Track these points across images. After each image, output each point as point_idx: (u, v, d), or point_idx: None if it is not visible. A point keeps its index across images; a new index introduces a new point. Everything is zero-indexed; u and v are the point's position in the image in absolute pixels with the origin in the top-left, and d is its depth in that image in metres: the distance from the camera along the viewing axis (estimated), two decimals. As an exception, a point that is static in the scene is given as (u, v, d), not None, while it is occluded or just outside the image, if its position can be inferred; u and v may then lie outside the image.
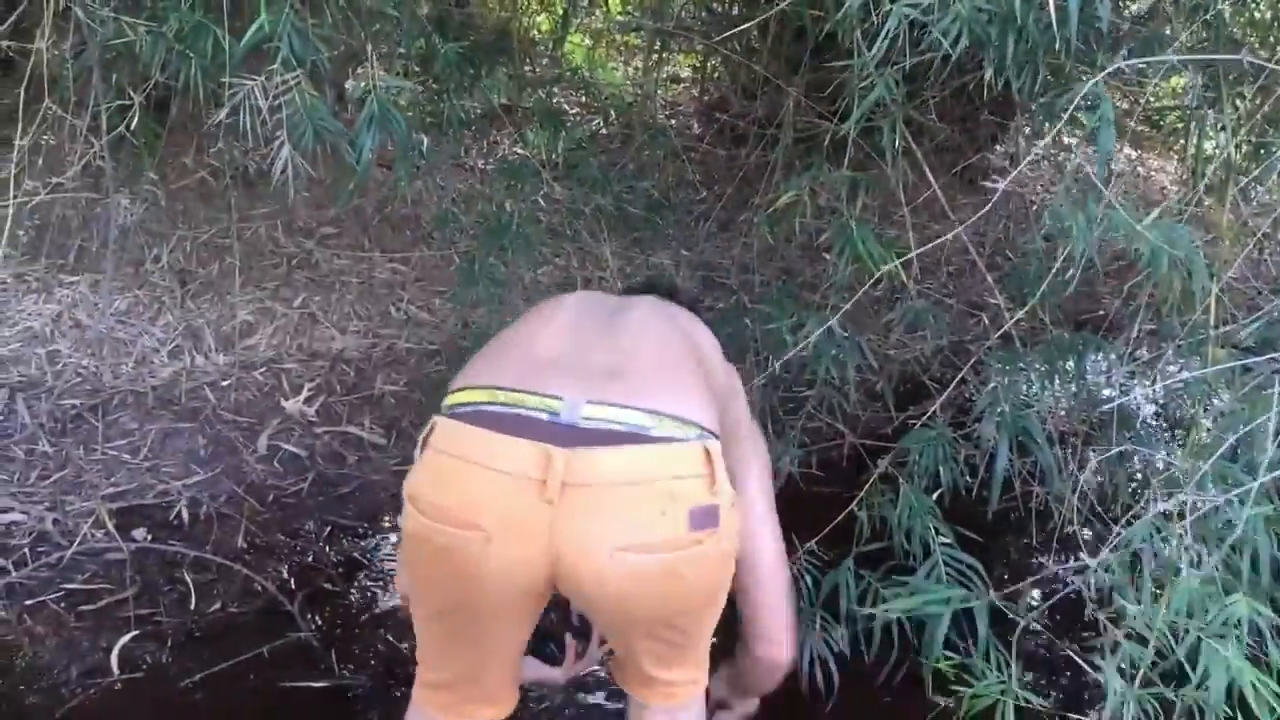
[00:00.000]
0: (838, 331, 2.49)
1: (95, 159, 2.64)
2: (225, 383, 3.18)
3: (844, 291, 2.46)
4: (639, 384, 1.37)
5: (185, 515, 2.71)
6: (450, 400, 1.42)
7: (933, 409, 2.39)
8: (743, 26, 2.83)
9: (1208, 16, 2.49)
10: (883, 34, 2.03)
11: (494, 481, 1.28)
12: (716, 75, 4.92)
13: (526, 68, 3.89)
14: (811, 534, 2.30)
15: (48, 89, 2.49)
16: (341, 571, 2.63)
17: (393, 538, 2.79)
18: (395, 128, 2.31)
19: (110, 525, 2.59)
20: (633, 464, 1.28)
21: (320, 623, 2.43)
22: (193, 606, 2.43)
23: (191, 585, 2.49)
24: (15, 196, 2.63)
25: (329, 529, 2.78)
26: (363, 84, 2.33)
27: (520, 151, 3.86)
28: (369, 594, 2.56)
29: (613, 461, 1.27)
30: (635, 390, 1.35)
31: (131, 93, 2.32)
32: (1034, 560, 2.79)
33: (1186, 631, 1.72)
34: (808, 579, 2.23)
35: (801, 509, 2.76)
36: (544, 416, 1.31)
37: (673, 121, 4.96)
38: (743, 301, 3.52)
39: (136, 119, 2.32)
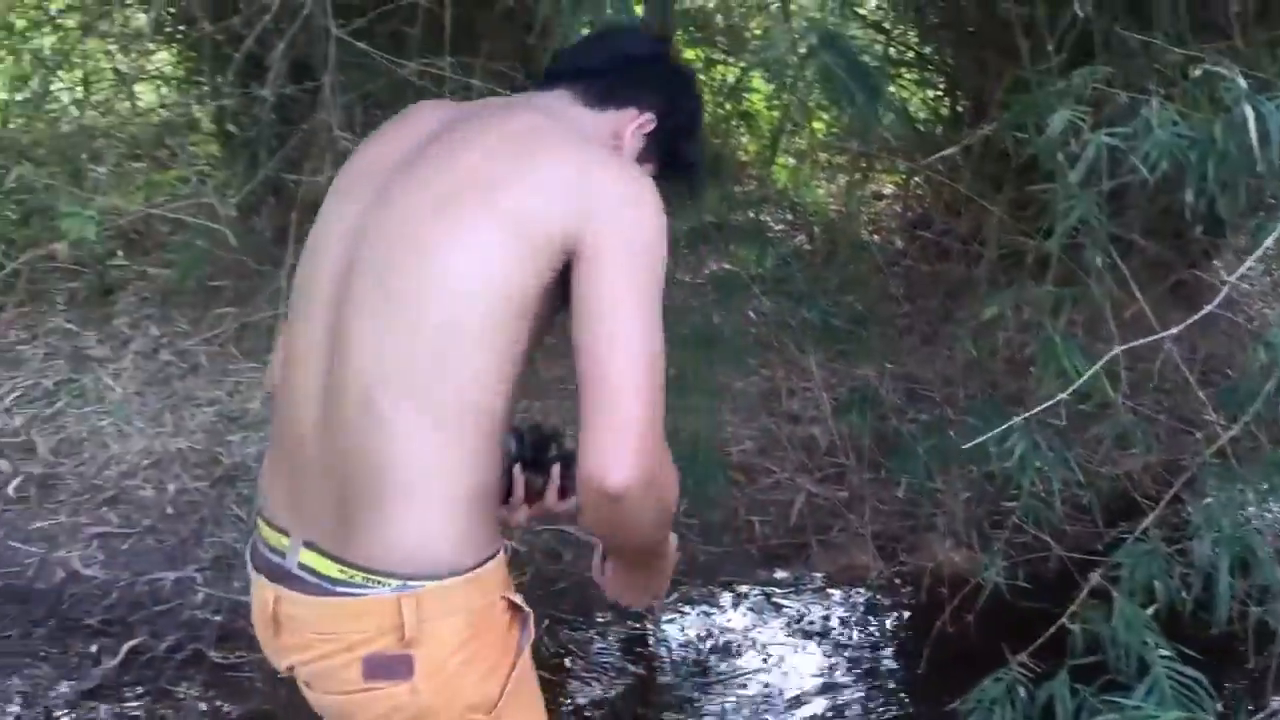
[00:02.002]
0: (1043, 445, 2.52)
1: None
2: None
3: (1049, 406, 2.49)
4: (352, 516, 1.24)
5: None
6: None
7: (1145, 524, 2.38)
8: (948, 151, 2.95)
9: None
10: (1082, 161, 2.11)
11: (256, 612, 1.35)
12: (919, 193, 5.03)
13: (736, 188, 4.09)
14: (1021, 646, 2.31)
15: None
16: (559, 662, 2.78)
17: (607, 633, 2.93)
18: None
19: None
20: (321, 613, 1.26)
21: (540, 708, 2.57)
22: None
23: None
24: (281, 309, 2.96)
25: (547, 621, 2.94)
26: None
27: (728, 267, 4.04)
28: (586, 684, 2.70)
29: (305, 613, 1.27)
30: (340, 535, 1.25)
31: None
32: (1255, 685, 2.70)
33: None
34: (1021, 691, 2.24)
35: (1009, 621, 2.77)
36: (275, 559, 1.31)
37: (875, 237, 5.07)
38: (946, 414, 3.57)
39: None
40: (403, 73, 2.75)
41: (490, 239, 1.21)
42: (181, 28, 4.25)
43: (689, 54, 4.72)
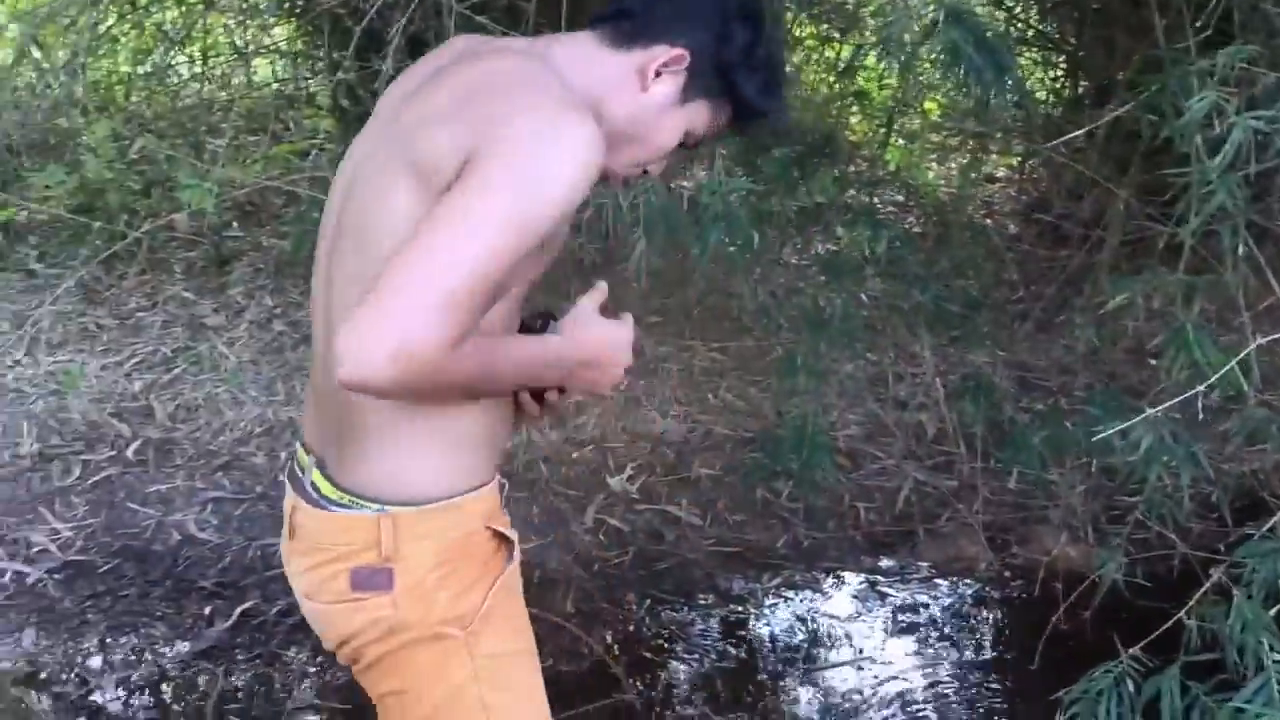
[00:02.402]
0: (1169, 439, 2.43)
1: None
2: (556, 458, 3.44)
3: (1176, 398, 2.40)
4: (343, 446, 1.36)
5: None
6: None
7: (1272, 522, 2.28)
8: (1075, 133, 2.85)
9: None
10: (1227, 145, 2.01)
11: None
12: (1035, 176, 4.89)
13: (849, 168, 4.02)
14: (1134, 641, 2.24)
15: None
16: (661, 642, 2.77)
17: (708, 615, 2.91)
18: (735, 225, 2.49)
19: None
20: (316, 526, 1.37)
21: (642, 688, 2.57)
22: (529, 662, 2.63)
23: (527, 642, 2.69)
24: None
25: (648, 601, 2.94)
26: (707, 183, 2.52)
27: (834, 248, 3.98)
28: (689, 665, 2.69)
29: (309, 524, 1.38)
30: (336, 461, 1.37)
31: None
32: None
33: None
34: (1129, 684, 2.16)
35: (1127, 620, 2.69)
36: (298, 474, 1.42)
37: (989, 221, 4.96)
38: (1061, 404, 3.47)
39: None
40: (518, 46, 2.74)
41: (405, 189, 1.23)
42: (300, 2, 4.30)
43: (802, 31, 4.64)
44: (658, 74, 1.33)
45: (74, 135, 4.76)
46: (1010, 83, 2.41)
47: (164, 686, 2.58)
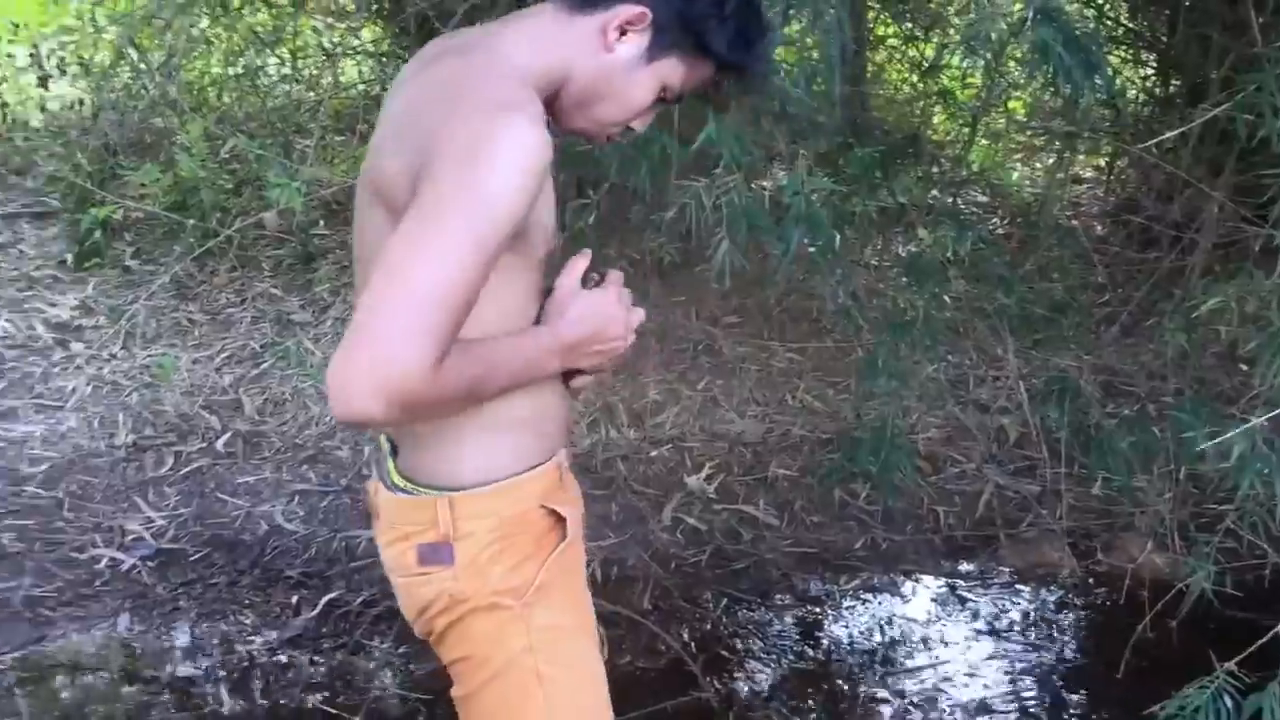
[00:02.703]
0: (1262, 446, 2.37)
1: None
2: (635, 456, 3.46)
3: (1272, 405, 2.34)
4: (404, 436, 1.44)
5: (599, 573, 2.96)
6: None
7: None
8: (1168, 134, 2.79)
9: None
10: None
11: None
12: (1124, 176, 4.80)
13: (932, 168, 3.98)
14: (1227, 656, 2.19)
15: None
16: (738, 642, 2.78)
17: (785, 616, 2.91)
18: (818, 225, 2.47)
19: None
20: (388, 508, 1.45)
21: (719, 687, 2.58)
22: (605, 657, 2.65)
23: (604, 637, 2.70)
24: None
25: (725, 600, 2.94)
26: (789, 183, 2.52)
27: (916, 249, 3.95)
28: (766, 665, 2.69)
29: (384, 505, 1.46)
30: (402, 451, 1.45)
31: (592, 192, 2.63)
32: None
33: None
34: (1226, 700, 2.12)
35: (1215, 630, 2.64)
36: (380, 459, 1.50)
37: (1075, 222, 4.87)
38: (1149, 410, 3.40)
39: (594, 216, 2.63)
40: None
41: (374, 215, 1.32)
42: (389, 5, 4.37)
43: (885, 30, 4.61)
44: (623, 33, 1.34)
45: (168, 135, 4.89)
46: (1100, 82, 2.37)
47: (252, 673, 2.65)
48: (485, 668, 1.41)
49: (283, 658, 2.70)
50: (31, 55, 5.85)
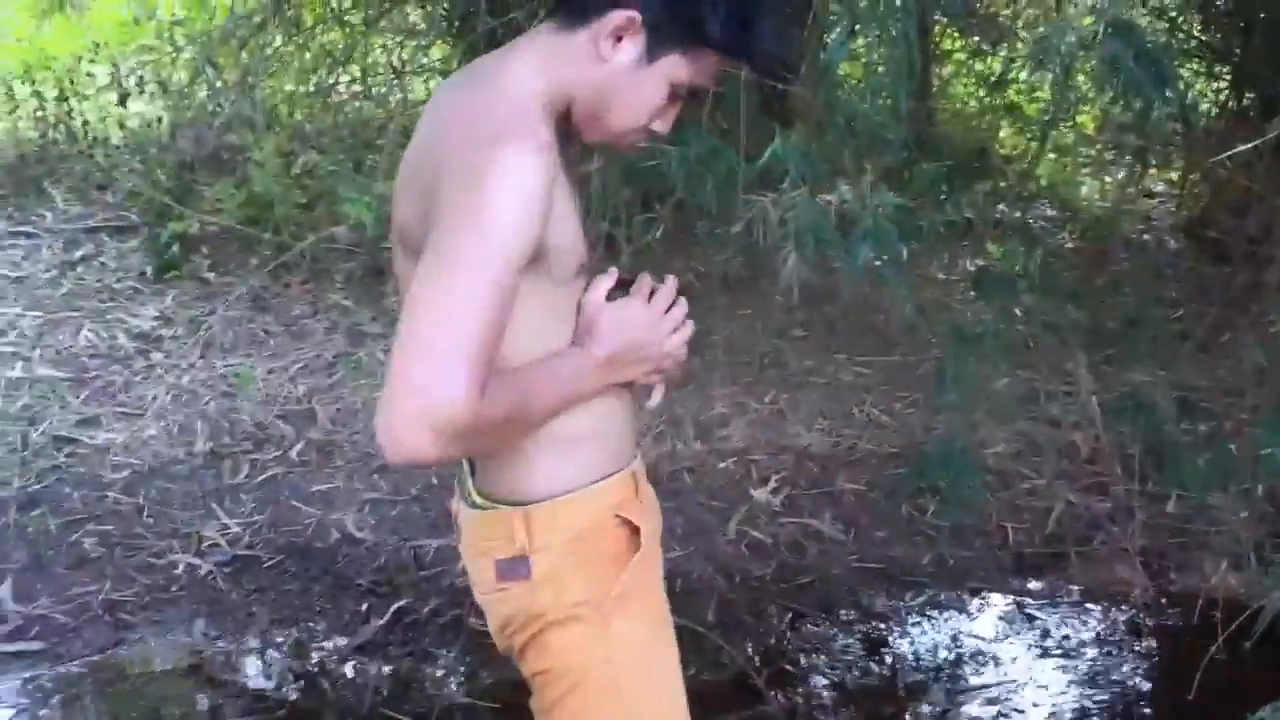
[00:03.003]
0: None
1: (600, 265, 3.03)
2: (701, 469, 3.47)
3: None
4: (477, 460, 1.46)
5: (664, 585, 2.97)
6: None
7: None
8: (1242, 148, 2.75)
9: None
10: None
11: None
12: (1197, 190, 4.73)
13: (1000, 183, 3.96)
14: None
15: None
16: (803, 656, 2.77)
17: (851, 631, 2.90)
18: (884, 239, 2.47)
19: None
20: (469, 525, 1.47)
21: (783, 701, 2.58)
22: (674, 669, 2.66)
23: (671, 649, 2.73)
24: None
25: (790, 614, 2.94)
26: (857, 198, 2.52)
27: (984, 263, 3.92)
28: (830, 681, 2.68)
29: (464, 521, 1.49)
30: (479, 464, 1.46)
31: (658, 206, 2.66)
32: None
33: None
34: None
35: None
36: (461, 477, 1.50)
37: (1147, 237, 4.81)
38: (1225, 426, 3.34)
39: (661, 230, 2.66)
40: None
41: (401, 256, 1.38)
42: (458, 23, 4.44)
43: (952, 44, 4.60)
44: (618, 39, 1.34)
45: (243, 151, 5.01)
46: (1171, 95, 2.35)
47: (322, 679, 2.70)
48: (564, 679, 1.42)
49: (352, 664, 2.75)
50: (112, 74, 6.03)
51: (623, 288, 1.45)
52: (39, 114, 5.75)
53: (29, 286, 4.50)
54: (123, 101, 5.91)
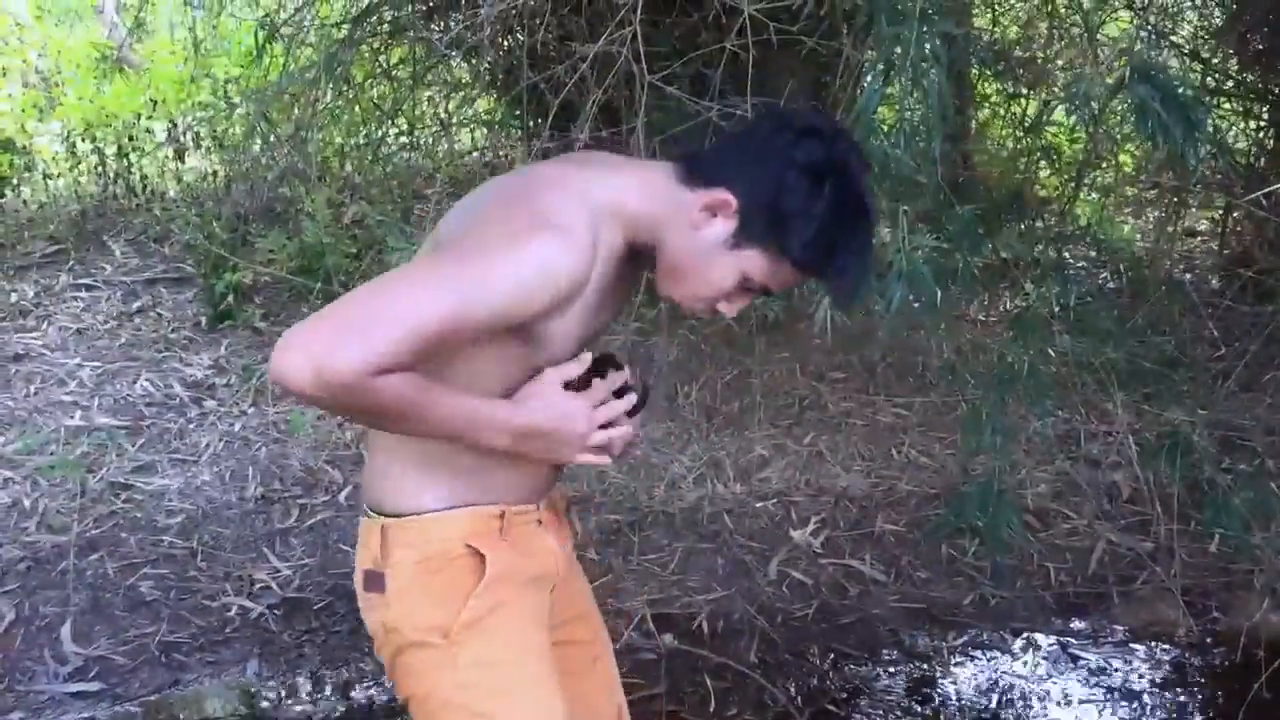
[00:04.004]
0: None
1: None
2: (740, 510, 3.50)
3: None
4: (367, 460, 1.55)
5: (705, 626, 3.01)
6: None
7: None
8: (1275, 186, 2.77)
9: None
10: None
11: None
12: (1238, 229, 4.73)
13: (1037, 224, 3.98)
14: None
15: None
16: (845, 696, 2.79)
17: (893, 672, 2.91)
18: (920, 281, 2.52)
19: (652, 628, 2.95)
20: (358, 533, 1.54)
21: (825, 740, 2.60)
22: (712, 709, 2.70)
23: (712, 690, 2.77)
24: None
25: (831, 655, 2.96)
26: (894, 241, 2.57)
27: (1022, 304, 3.94)
28: None
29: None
30: (367, 469, 1.55)
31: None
32: None
33: None
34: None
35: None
36: None
37: (1188, 275, 4.80)
38: (1267, 465, 3.34)
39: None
40: (706, 114, 2.87)
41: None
42: (501, 77, 4.55)
43: (988, 88, 4.64)
44: (713, 215, 1.39)
45: (295, 203, 5.14)
46: (1202, 138, 2.39)
47: (370, 719, 2.75)
48: (424, 707, 1.48)
49: (395, 708, 2.80)
50: (169, 130, 6.22)
51: (598, 369, 1.46)
52: (99, 169, 5.94)
53: (89, 337, 4.63)
54: (180, 156, 6.09)
